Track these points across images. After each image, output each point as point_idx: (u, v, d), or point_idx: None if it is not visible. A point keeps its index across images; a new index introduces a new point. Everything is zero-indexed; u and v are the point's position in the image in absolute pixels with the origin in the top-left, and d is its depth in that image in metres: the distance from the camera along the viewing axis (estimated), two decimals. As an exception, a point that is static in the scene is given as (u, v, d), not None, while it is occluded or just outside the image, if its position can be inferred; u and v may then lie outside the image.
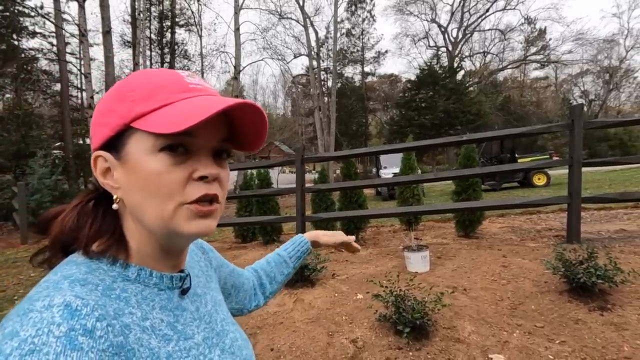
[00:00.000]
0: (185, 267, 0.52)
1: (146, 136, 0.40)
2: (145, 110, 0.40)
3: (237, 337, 0.55)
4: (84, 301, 0.35)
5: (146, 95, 0.40)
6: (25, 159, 10.25)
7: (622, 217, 4.89)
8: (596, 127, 3.72)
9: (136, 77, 0.43)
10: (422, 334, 2.07)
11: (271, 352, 2.16)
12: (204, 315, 0.50)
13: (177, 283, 0.47)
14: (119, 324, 0.36)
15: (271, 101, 47.69)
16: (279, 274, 0.83)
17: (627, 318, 2.06)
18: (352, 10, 28.71)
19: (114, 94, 0.42)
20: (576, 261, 2.34)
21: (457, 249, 3.70)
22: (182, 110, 0.39)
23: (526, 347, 1.93)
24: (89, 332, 0.33)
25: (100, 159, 0.43)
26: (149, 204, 0.41)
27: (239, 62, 15.13)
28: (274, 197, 5.46)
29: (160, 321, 0.42)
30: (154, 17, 21.53)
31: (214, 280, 0.62)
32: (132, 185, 0.41)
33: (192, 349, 0.44)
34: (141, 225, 0.43)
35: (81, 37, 9.30)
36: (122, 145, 0.41)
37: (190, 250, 0.59)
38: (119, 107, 0.41)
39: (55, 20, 12.55)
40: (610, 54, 32.08)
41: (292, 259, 0.85)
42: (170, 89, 0.41)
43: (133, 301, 0.41)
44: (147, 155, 0.40)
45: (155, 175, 0.40)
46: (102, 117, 0.42)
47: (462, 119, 24.25)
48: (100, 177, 0.43)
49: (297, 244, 0.87)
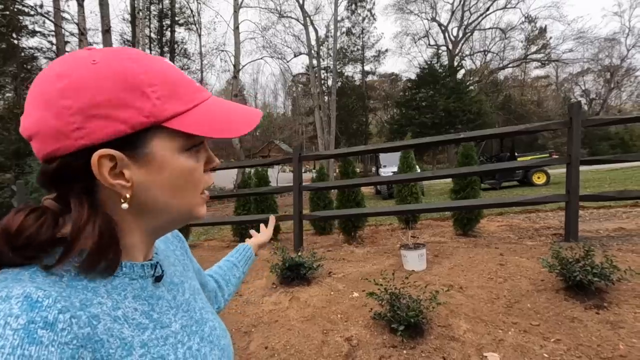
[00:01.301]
0: (157, 255, 0.52)
1: (176, 136, 0.40)
2: (178, 111, 0.40)
3: (216, 326, 0.54)
4: (45, 292, 0.33)
5: (172, 93, 0.40)
6: (24, 158, 10.25)
7: (621, 215, 4.88)
8: (595, 124, 3.70)
9: (142, 65, 0.39)
10: (416, 332, 2.06)
11: (265, 350, 2.15)
12: (181, 304, 0.50)
13: (149, 271, 0.46)
14: (86, 315, 0.35)
15: (271, 100, 47.73)
16: (232, 276, 0.86)
17: (623, 316, 2.05)
18: (352, 9, 28.68)
19: (119, 84, 0.37)
20: (573, 259, 2.33)
21: (455, 247, 3.69)
22: (223, 116, 0.43)
23: (521, 346, 1.92)
24: (50, 324, 0.31)
25: (105, 158, 0.37)
26: (180, 198, 0.43)
27: (239, 61, 15.13)
28: (272, 196, 5.45)
29: (134, 310, 0.41)
30: (153, 16, 21.53)
31: (191, 269, 0.61)
32: (158, 184, 0.41)
33: (169, 337, 0.43)
34: (146, 220, 0.43)
35: (80, 35, 9.28)
36: (143, 144, 0.39)
37: (165, 238, 0.59)
38: (141, 103, 0.37)
39: (54, 19, 12.55)
40: (611, 52, 32.06)
41: (240, 262, 0.90)
42: (186, 87, 0.42)
43: (102, 291, 0.39)
44: (176, 153, 0.41)
45: (187, 172, 0.42)
46: (106, 109, 0.36)
47: (463, 118, 24.24)
48: (108, 178, 0.38)
49: (242, 250, 0.94)
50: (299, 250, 3.66)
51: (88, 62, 0.38)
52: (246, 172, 5.99)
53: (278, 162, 4.95)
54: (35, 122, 0.37)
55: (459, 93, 25.34)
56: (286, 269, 2.96)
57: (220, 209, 12.39)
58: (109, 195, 0.40)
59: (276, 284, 3.03)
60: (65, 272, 0.38)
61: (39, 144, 0.38)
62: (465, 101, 24.95)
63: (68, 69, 0.38)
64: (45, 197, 0.42)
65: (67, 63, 0.38)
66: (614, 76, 32.00)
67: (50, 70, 0.38)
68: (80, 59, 0.38)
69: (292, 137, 32.82)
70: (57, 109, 0.36)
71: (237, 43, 15.07)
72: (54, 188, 0.41)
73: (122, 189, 0.39)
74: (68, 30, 15.37)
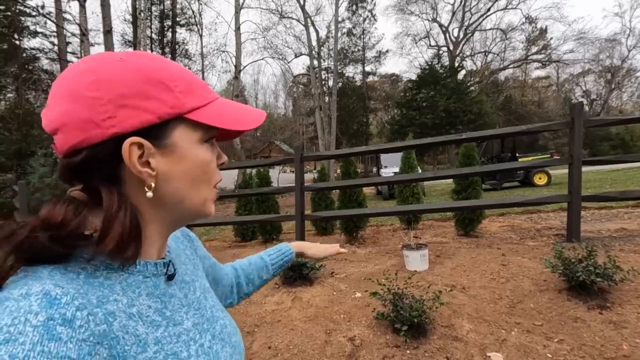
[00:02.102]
0: (170, 253, 0.52)
1: (194, 127, 0.43)
2: (198, 104, 0.43)
3: (227, 324, 0.55)
4: (63, 290, 0.33)
5: (189, 89, 0.43)
6: (26, 158, 10.27)
7: (623, 216, 4.87)
8: (596, 125, 3.70)
9: (165, 64, 0.42)
10: (419, 332, 2.06)
11: (268, 350, 2.15)
12: (192, 302, 0.50)
13: (162, 269, 0.47)
14: (102, 312, 0.36)
15: (272, 101, 47.74)
16: (258, 278, 0.84)
17: (626, 316, 2.05)
18: (353, 10, 28.72)
19: (145, 79, 0.40)
20: (575, 259, 2.33)
21: (457, 247, 3.69)
22: (234, 112, 0.46)
23: (524, 346, 1.92)
24: (69, 321, 0.32)
25: (134, 146, 0.39)
26: (197, 190, 0.45)
27: (240, 62, 15.15)
28: (273, 196, 5.46)
29: (148, 307, 0.42)
30: (154, 17, 21.57)
31: (201, 268, 0.62)
32: (178, 174, 0.43)
33: (181, 335, 0.44)
34: (166, 214, 0.45)
35: (82, 36, 9.31)
36: (167, 134, 0.41)
37: (176, 237, 0.60)
38: (164, 95, 0.40)
39: (56, 19, 12.58)
40: (612, 53, 32.04)
41: (274, 266, 0.87)
42: (200, 86, 0.45)
43: (118, 288, 0.40)
44: (196, 145, 0.44)
45: (205, 163, 0.45)
46: (135, 100, 0.39)
47: (463, 118, 24.23)
48: (137, 165, 0.39)
49: (282, 253, 0.89)
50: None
51: (114, 60, 0.40)
52: (247, 173, 6.00)
53: (279, 162, 4.96)
54: (62, 114, 0.39)
55: (460, 94, 25.33)
56: (289, 269, 2.96)
57: (221, 209, 12.39)
58: (132, 185, 0.42)
59: (279, 284, 3.03)
60: (82, 269, 0.38)
61: (65, 135, 0.39)
62: (466, 102, 24.94)
63: (95, 65, 0.40)
64: (71, 189, 0.43)
65: (94, 60, 0.40)
66: (614, 77, 31.98)
67: (77, 67, 0.40)
68: (106, 57, 0.41)
69: (292, 138, 32.84)
70: (87, 101, 0.38)
71: (238, 44, 15.09)
72: (78, 181, 0.42)
73: (149, 177, 0.41)
74: (69, 31, 15.43)
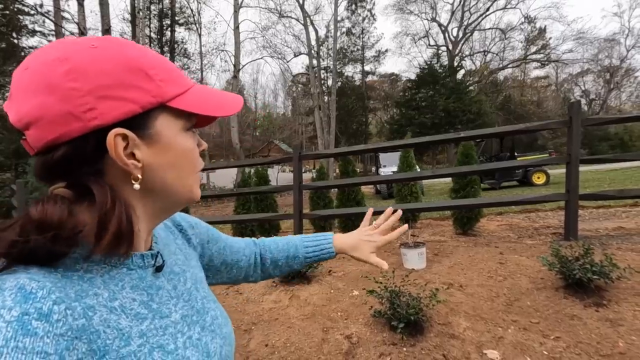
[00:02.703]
0: (158, 244, 0.52)
1: (176, 115, 0.43)
2: (179, 92, 0.42)
3: (218, 315, 0.54)
4: (39, 283, 0.32)
5: (169, 77, 0.42)
6: (24, 157, 10.25)
7: (621, 215, 4.88)
8: (594, 124, 3.70)
9: (143, 52, 0.41)
10: (416, 330, 2.06)
11: (266, 348, 2.15)
12: (182, 294, 0.49)
13: (149, 261, 0.46)
14: (81, 306, 0.35)
15: (271, 100, 47.73)
16: (286, 265, 0.80)
17: (623, 314, 2.05)
18: (352, 9, 28.72)
19: (127, 67, 0.38)
20: (572, 257, 2.33)
21: (455, 246, 3.70)
22: (214, 98, 0.46)
23: (521, 343, 1.93)
24: (45, 315, 0.31)
25: (119, 138, 0.38)
26: (183, 178, 0.45)
27: (239, 61, 15.14)
28: (272, 195, 5.46)
29: (132, 300, 0.41)
30: (153, 16, 21.53)
31: (194, 258, 0.61)
32: (164, 163, 0.42)
33: (168, 327, 0.43)
34: (154, 203, 0.45)
35: (81, 35, 9.29)
36: (150, 124, 0.40)
37: (166, 226, 0.59)
38: (147, 84, 0.39)
39: (54, 18, 12.55)
40: (611, 53, 32.11)
41: (307, 259, 0.80)
42: (177, 73, 0.44)
43: (98, 282, 0.39)
44: (179, 133, 0.43)
45: (189, 152, 0.45)
46: (116, 90, 0.37)
47: (463, 118, 24.26)
48: (122, 157, 0.38)
49: (320, 250, 0.80)
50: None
51: (87, 46, 0.38)
52: (246, 172, 5.99)
53: (278, 161, 4.96)
54: (35, 107, 0.36)
55: (459, 93, 25.36)
56: (286, 267, 2.96)
57: (220, 208, 12.38)
58: (117, 178, 0.40)
59: (276, 282, 3.03)
60: (60, 263, 0.37)
61: (40, 131, 0.36)
62: (465, 101, 24.97)
63: (68, 52, 0.37)
64: (54, 187, 0.41)
65: (65, 47, 0.37)
66: (613, 77, 32.04)
67: (45, 55, 0.37)
68: (78, 42, 0.38)
69: (292, 137, 32.82)
70: (64, 92, 0.35)
71: (237, 43, 15.08)
72: (59, 178, 0.40)
73: (135, 169, 0.40)
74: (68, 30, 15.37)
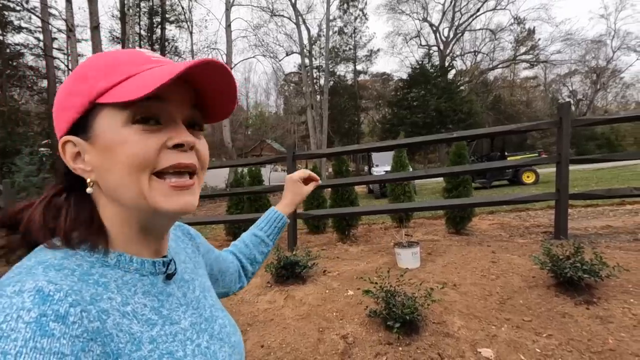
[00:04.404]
0: (169, 252, 0.51)
1: (115, 111, 0.39)
2: (109, 85, 0.39)
3: (226, 324, 0.54)
4: (57, 286, 0.33)
5: (108, 71, 0.40)
6: (11, 157, 10.03)
7: (608, 213, 4.98)
8: (584, 124, 3.77)
9: (95, 58, 0.42)
10: (412, 329, 2.07)
11: (261, 349, 2.15)
12: (191, 301, 0.50)
13: (161, 268, 0.46)
14: (96, 309, 0.35)
15: (263, 99, 47.59)
16: (259, 254, 0.82)
17: (612, 311, 2.10)
18: (344, 9, 28.74)
19: (74, 77, 0.42)
20: (563, 256, 2.37)
21: (448, 245, 3.73)
22: (146, 78, 0.38)
23: (514, 341, 1.96)
24: (62, 317, 0.32)
25: (69, 145, 0.42)
26: (126, 180, 0.39)
27: (231, 59, 15.03)
28: (265, 195, 5.43)
29: (143, 306, 0.42)
30: (143, 13, 21.24)
31: (202, 267, 0.61)
32: (106, 164, 0.40)
33: (178, 334, 0.43)
34: (119, 208, 0.42)
35: (69, 32, 9.11)
36: (90, 125, 0.40)
37: (176, 236, 0.59)
38: (81, 87, 0.40)
39: (41, 14, 12.30)
40: (597, 54, 32.76)
41: (269, 237, 0.84)
42: (132, 63, 0.41)
43: (112, 286, 0.40)
44: (118, 129, 0.39)
45: (127, 146, 0.39)
46: (64, 101, 0.41)
47: (454, 117, 24.48)
48: (70, 163, 0.42)
49: (273, 221, 0.85)
50: (293, 249, 3.65)
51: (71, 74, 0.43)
52: (238, 172, 5.95)
53: (272, 160, 4.94)
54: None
55: (450, 93, 25.59)
56: (281, 267, 2.95)
57: (212, 208, 12.31)
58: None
59: (271, 282, 3.02)
60: (78, 266, 0.38)
61: None
62: (456, 101, 25.20)
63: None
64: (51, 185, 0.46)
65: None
66: (600, 77, 32.68)
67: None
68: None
69: (284, 136, 32.75)
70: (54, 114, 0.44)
71: (229, 41, 14.98)
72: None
73: (84, 172, 0.42)
74: (55, 27, 15.11)
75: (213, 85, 0.44)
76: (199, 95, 0.45)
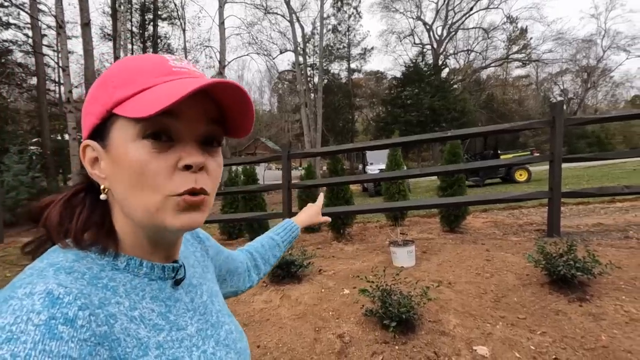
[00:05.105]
0: (180, 257, 0.51)
1: (127, 123, 0.39)
2: (124, 96, 0.38)
3: (232, 330, 0.54)
4: (66, 289, 0.34)
5: (126, 80, 0.39)
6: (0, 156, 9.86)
7: (600, 211, 5.06)
8: (576, 123, 3.81)
9: (119, 63, 0.42)
10: (408, 328, 2.08)
11: (258, 349, 2.14)
12: (198, 307, 0.50)
13: (170, 273, 0.46)
14: (104, 313, 0.36)
15: (257, 97, 47.31)
16: (272, 256, 0.87)
17: (605, 308, 2.13)
18: (338, 7, 28.67)
19: (98, 83, 0.42)
20: (556, 254, 2.40)
21: (442, 243, 3.75)
22: (160, 93, 0.37)
23: (509, 339, 1.97)
24: (70, 321, 0.32)
25: (89, 149, 0.42)
26: (135, 196, 0.39)
27: (224, 57, 14.92)
28: (260, 194, 5.41)
29: (151, 311, 0.42)
30: (135, 10, 20.95)
31: (211, 271, 0.61)
32: (117, 176, 0.40)
33: (184, 340, 0.44)
34: (129, 218, 0.42)
35: (58, 29, 8.93)
36: (107, 133, 0.40)
37: (185, 239, 0.58)
38: (102, 95, 0.40)
39: (30, 10, 12.07)
40: (588, 53, 33.17)
41: (284, 243, 0.91)
42: (151, 73, 0.40)
43: (121, 290, 0.40)
44: (129, 143, 0.38)
45: (137, 164, 0.38)
46: (89, 106, 0.42)
47: (447, 116, 24.62)
48: (88, 167, 0.43)
49: (289, 230, 0.93)
50: (288, 248, 3.64)
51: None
52: (233, 170, 5.92)
53: (267, 159, 4.92)
54: None
55: (444, 91, 25.72)
56: (277, 267, 2.94)
57: (206, 207, 12.25)
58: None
59: (267, 282, 3.01)
60: (88, 269, 0.39)
61: None
62: (449, 99, 25.35)
63: None
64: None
65: None
66: (590, 76, 33.11)
67: None
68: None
69: (278, 135, 32.67)
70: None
71: (222, 39, 14.86)
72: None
73: (98, 179, 0.42)
74: (45, 23, 14.84)
75: (228, 104, 0.43)
76: (219, 108, 0.43)
